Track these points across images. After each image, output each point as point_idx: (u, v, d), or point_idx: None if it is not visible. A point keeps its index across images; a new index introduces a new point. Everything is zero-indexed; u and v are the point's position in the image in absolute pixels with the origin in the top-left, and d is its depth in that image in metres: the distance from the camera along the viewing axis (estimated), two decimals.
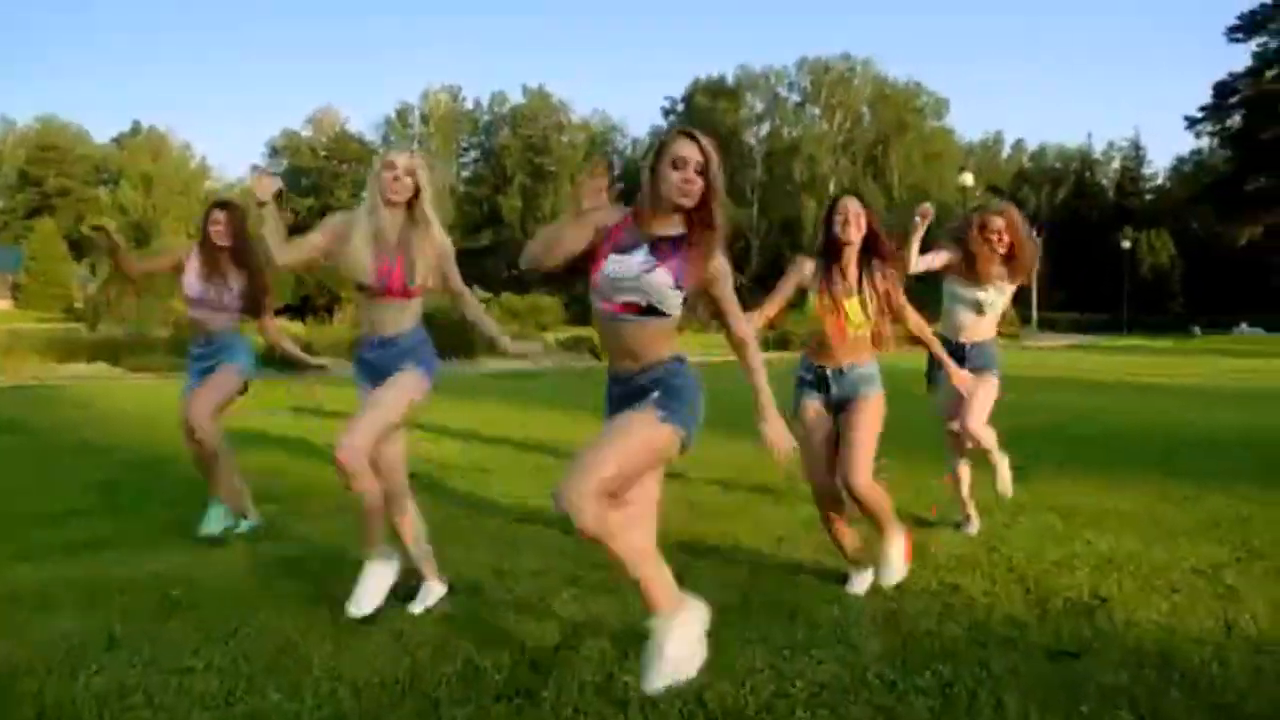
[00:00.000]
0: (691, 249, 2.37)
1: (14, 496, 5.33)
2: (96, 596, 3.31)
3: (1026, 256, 4.13)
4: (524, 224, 59.77)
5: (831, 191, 30.40)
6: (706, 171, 2.35)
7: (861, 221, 3.28)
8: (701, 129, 2.44)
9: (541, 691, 2.49)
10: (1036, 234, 4.37)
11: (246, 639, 2.88)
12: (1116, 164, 63.17)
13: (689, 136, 2.37)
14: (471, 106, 70.10)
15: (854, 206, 3.29)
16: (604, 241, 2.40)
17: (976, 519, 4.26)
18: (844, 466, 3.28)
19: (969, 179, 31.93)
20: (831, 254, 3.35)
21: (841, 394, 3.38)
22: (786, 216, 58.82)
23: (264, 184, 3.05)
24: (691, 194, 2.35)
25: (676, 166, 2.34)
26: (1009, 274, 4.15)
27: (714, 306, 2.51)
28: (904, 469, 5.37)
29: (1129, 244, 48.43)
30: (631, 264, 2.35)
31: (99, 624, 3.01)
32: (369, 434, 3.00)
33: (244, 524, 4.38)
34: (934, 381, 4.27)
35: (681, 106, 65.08)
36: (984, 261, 4.09)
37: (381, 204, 3.09)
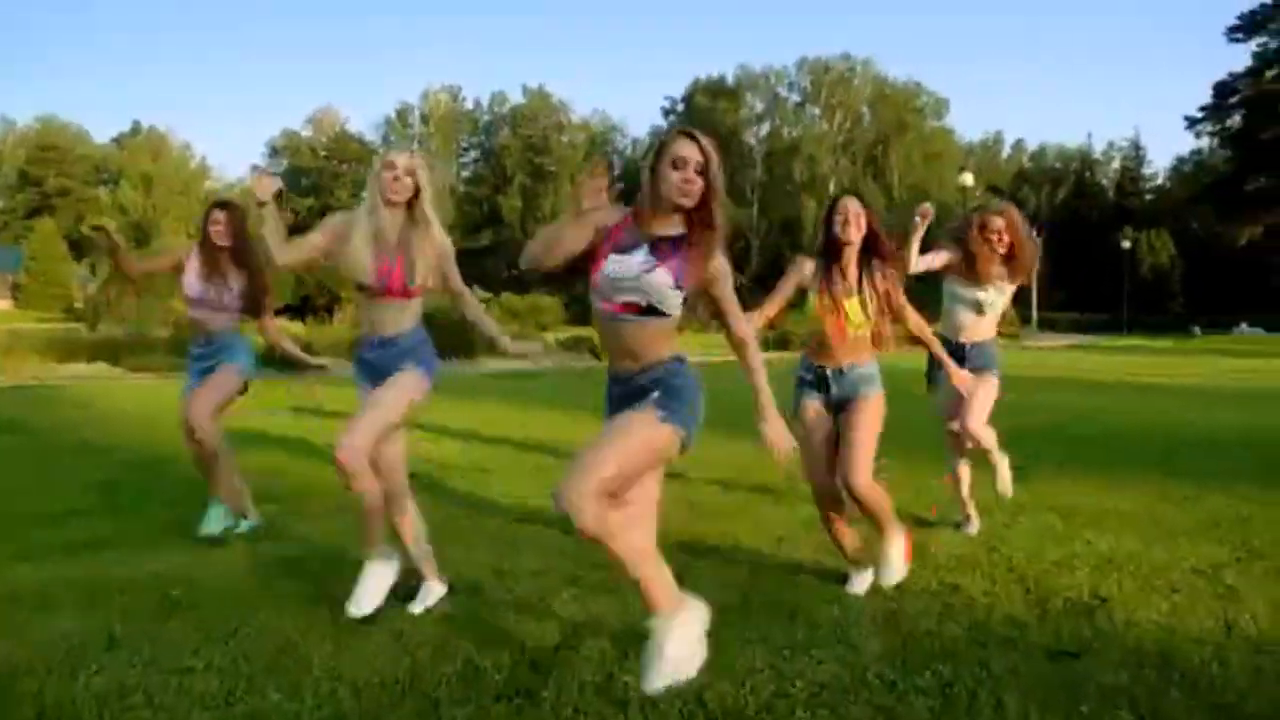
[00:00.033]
0: (691, 249, 2.37)
1: (14, 496, 5.33)
2: (96, 596, 3.31)
3: (1026, 256, 4.13)
4: (524, 224, 59.76)
5: (831, 191, 30.35)
6: (706, 171, 2.35)
7: (861, 221, 3.28)
8: (701, 129, 2.43)
9: (541, 692, 2.50)
10: (1036, 234, 4.37)
11: (246, 639, 2.88)
12: (1116, 164, 63.19)
13: (689, 136, 2.37)
14: (471, 106, 70.20)
15: (854, 206, 3.29)
16: (604, 241, 2.40)
17: (976, 519, 4.26)
18: (844, 466, 3.28)
19: (969, 179, 31.94)
20: (831, 254, 3.35)
21: (841, 394, 3.39)
22: (786, 216, 58.81)
23: (264, 184, 3.06)
24: (691, 194, 2.35)
25: (676, 166, 2.34)
26: (1009, 274, 4.15)
27: (714, 306, 2.52)
28: (904, 469, 5.37)
29: (1129, 244, 48.43)
30: (632, 264, 2.35)
31: (99, 624, 3.01)
32: (369, 434, 3.01)
33: (244, 524, 4.38)
34: (934, 381, 4.27)
35: (681, 106, 65.09)
36: (984, 261, 4.09)
37: (381, 204, 3.09)
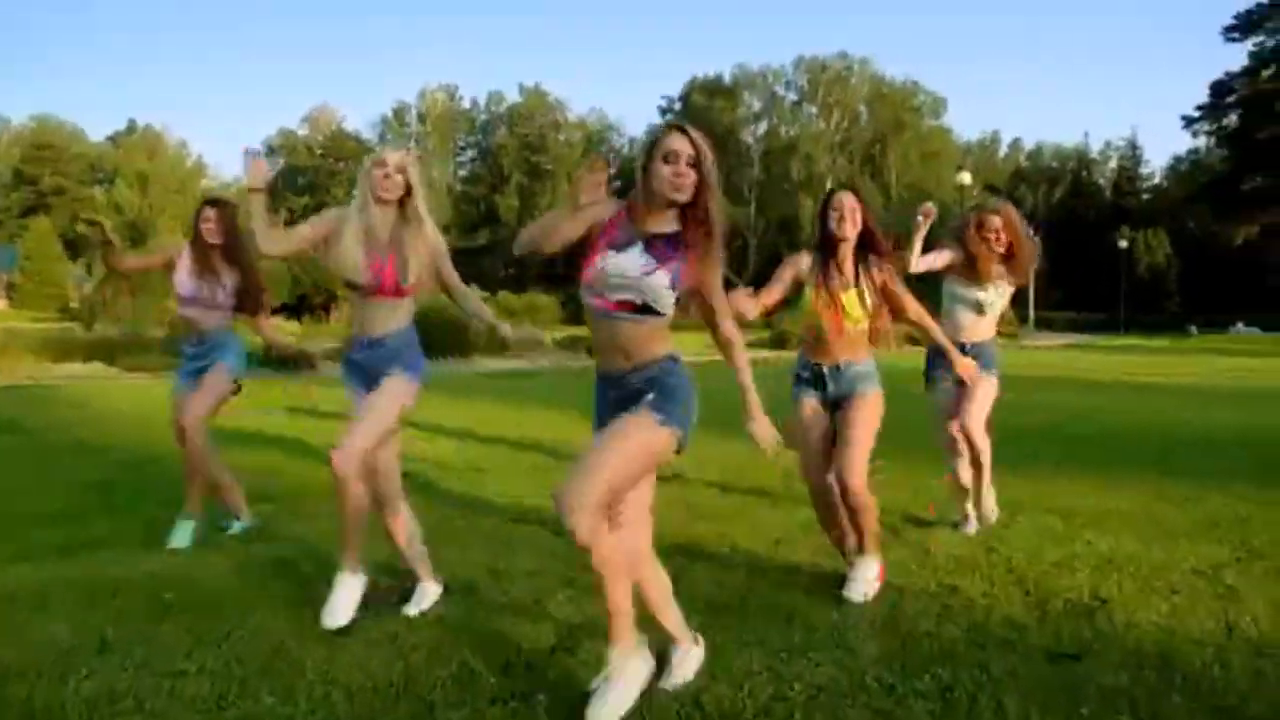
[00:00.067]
0: (691, 252, 2.34)
1: (10, 496, 5.30)
2: (91, 598, 3.28)
3: (1025, 255, 4.11)
4: (521, 223, 59.26)
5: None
6: (699, 165, 2.32)
7: (857, 217, 3.26)
8: (698, 127, 2.41)
9: (537, 695, 2.47)
10: (1034, 233, 4.35)
11: (240, 642, 2.85)
12: (1113, 163, 63.22)
13: (680, 130, 2.34)
14: (468, 105, 70.04)
15: (849, 202, 3.27)
16: (599, 235, 2.37)
17: (975, 519, 4.24)
18: (840, 465, 3.25)
19: (967, 178, 32.00)
20: (828, 249, 3.33)
21: (839, 391, 3.36)
22: (784, 215, 58.77)
23: (256, 169, 3.01)
24: (684, 188, 2.32)
25: (668, 160, 2.31)
26: (1009, 273, 4.13)
27: (704, 305, 2.48)
28: (903, 469, 5.36)
29: (1126, 243, 48.47)
30: (629, 262, 2.32)
31: (92, 626, 2.98)
32: (365, 439, 2.99)
33: (237, 525, 4.36)
34: (932, 382, 4.25)
35: (679, 105, 65.00)
36: (984, 261, 4.08)
37: (372, 202, 3.06)
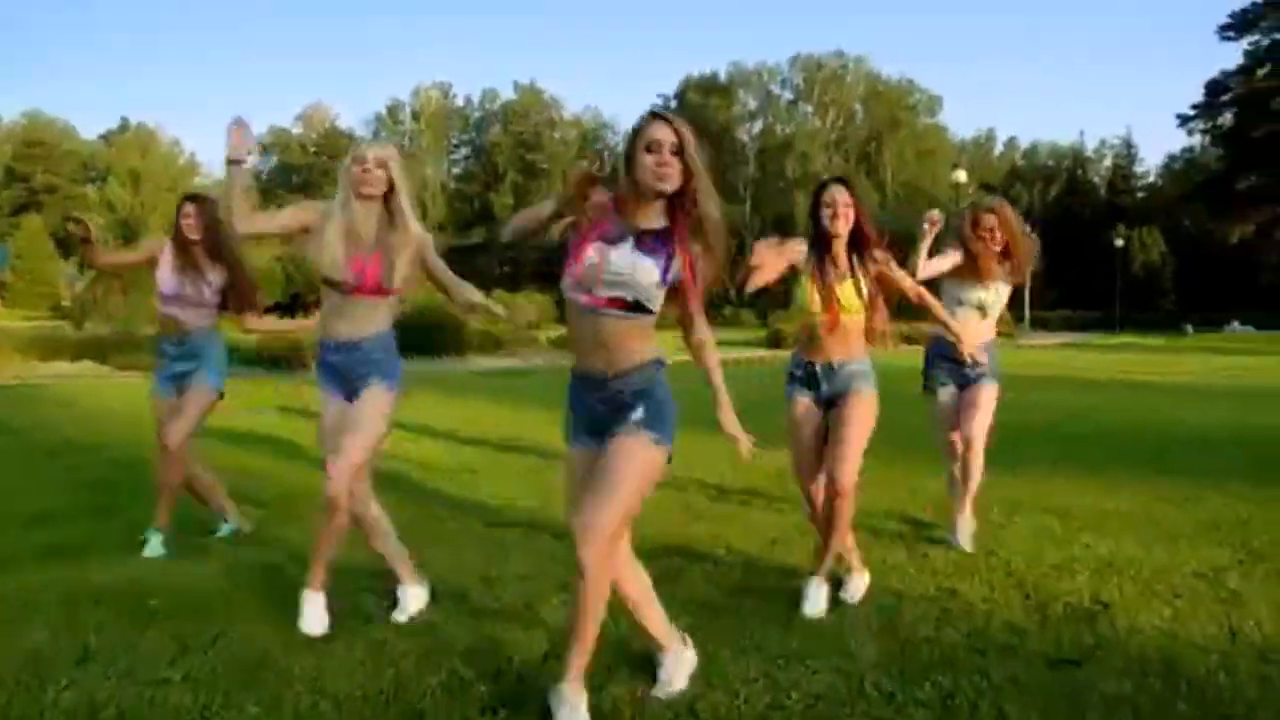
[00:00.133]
0: (682, 246, 2.28)
1: None
2: (73, 604, 3.20)
3: (1022, 252, 4.07)
4: None
5: None
6: (683, 153, 2.24)
7: (850, 214, 3.22)
8: (693, 125, 2.34)
9: (529, 704, 2.41)
10: (1032, 231, 4.30)
11: (225, 649, 2.79)
12: (1108, 162, 63.21)
13: (661, 118, 2.26)
14: (462, 103, 69.75)
15: (842, 198, 3.22)
16: (588, 228, 2.29)
17: (960, 533, 4.17)
18: (832, 462, 3.19)
19: (962, 176, 32.03)
20: (822, 245, 3.28)
21: (833, 390, 3.30)
22: (779, 213, 58.59)
23: (237, 138, 2.90)
24: (668, 177, 2.24)
25: (651, 150, 2.24)
26: (1009, 272, 4.08)
27: (681, 304, 2.40)
28: (901, 469, 5.32)
29: (1121, 242, 48.48)
30: (622, 258, 2.25)
31: (74, 633, 2.91)
32: (358, 455, 2.95)
33: (226, 527, 4.30)
34: (931, 383, 4.19)
35: (674, 103, 64.84)
36: (985, 259, 4.03)
37: (354, 198, 2.99)
